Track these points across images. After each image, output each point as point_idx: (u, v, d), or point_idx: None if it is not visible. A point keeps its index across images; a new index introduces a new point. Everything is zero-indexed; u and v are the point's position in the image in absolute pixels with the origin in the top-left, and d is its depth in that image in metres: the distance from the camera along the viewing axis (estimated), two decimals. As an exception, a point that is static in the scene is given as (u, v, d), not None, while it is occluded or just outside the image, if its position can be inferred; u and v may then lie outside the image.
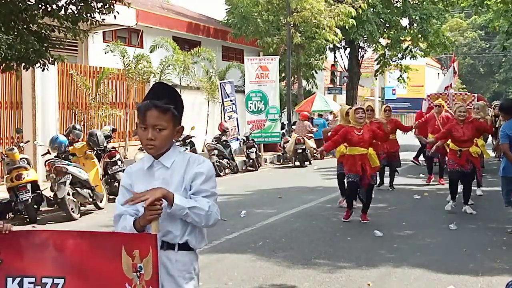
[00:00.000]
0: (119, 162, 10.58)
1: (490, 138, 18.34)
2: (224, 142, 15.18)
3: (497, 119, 17.12)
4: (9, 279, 2.58)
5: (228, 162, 15.07)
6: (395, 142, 11.11)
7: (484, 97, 28.90)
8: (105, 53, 15.23)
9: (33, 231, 2.72)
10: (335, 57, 26.99)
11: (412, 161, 15.94)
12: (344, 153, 8.57)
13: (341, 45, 25.73)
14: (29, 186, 8.67)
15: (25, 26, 8.64)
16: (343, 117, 8.73)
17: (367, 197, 8.30)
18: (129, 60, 15.35)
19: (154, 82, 2.82)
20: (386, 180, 11.53)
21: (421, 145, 15.89)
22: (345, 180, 8.53)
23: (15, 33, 8.47)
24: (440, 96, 12.89)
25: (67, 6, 8.68)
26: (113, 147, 11.17)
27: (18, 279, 2.58)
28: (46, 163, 9.54)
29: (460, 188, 9.05)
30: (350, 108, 8.78)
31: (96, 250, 2.55)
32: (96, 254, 2.55)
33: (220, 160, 14.74)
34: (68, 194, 8.85)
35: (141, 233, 2.61)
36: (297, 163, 16.85)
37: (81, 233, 2.70)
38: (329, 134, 9.86)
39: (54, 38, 9.19)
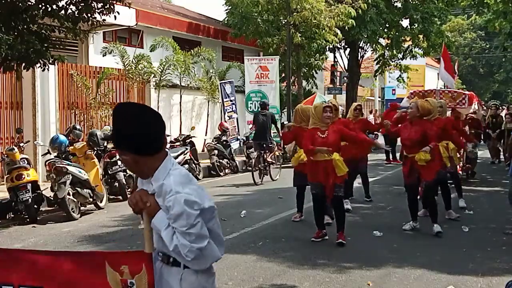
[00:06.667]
0: (119, 162, 10.57)
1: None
2: (224, 142, 15.18)
3: (494, 120, 17.07)
4: None
5: (228, 162, 15.07)
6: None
7: (481, 97, 28.67)
8: (105, 54, 15.22)
9: (8, 249, 2.72)
10: (335, 57, 26.95)
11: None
12: (304, 160, 7.63)
13: (341, 45, 25.69)
14: (29, 186, 8.68)
15: (25, 26, 8.64)
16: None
17: (338, 212, 7.13)
18: (129, 60, 15.35)
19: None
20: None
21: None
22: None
23: (16, 33, 8.47)
24: (426, 94, 11.48)
25: (67, 6, 8.68)
26: (113, 147, 11.17)
27: None
28: (46, 163, 9.54)
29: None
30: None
31: (77, 265, 2.54)
32: (77, 268, 2.53)
33: (220, 160, 14.75)
34: (68, 194, 8.86)
35: (131, 251, 2.59)
36: (297, 163, 16.79)
37: (59, 253, 2.70)
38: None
39: (55, 38, 9.19)
